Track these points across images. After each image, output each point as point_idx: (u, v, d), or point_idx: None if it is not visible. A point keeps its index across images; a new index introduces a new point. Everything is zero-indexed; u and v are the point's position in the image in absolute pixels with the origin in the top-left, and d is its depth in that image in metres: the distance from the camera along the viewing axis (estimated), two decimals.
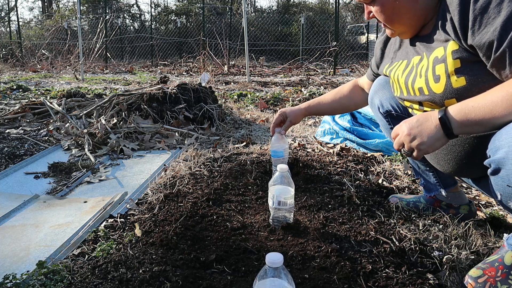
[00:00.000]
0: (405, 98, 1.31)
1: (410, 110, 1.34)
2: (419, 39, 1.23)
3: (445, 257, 1.23)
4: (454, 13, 1.05)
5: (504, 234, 1.35)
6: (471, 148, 1.18)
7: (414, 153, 1.10)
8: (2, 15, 17.76)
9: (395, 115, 1.49)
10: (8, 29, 13.83)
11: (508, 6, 0.95)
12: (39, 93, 5.53)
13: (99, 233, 1.48)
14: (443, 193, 1.54)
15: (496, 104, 0.95)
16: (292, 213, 1.43)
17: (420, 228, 1.44)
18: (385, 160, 2.28)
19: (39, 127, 3.33)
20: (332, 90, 1.77)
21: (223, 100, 4.58)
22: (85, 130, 2.90)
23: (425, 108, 1.23)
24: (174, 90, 3.35)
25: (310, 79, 6.96)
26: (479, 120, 0.98)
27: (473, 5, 1.00)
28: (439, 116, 1.03)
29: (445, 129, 1.03)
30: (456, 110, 1.01)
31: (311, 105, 1.75)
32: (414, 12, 1.17)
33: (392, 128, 1.53)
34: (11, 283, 1.16)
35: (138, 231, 1.43)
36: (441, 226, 1.45)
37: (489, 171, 1.01)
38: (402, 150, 1.14)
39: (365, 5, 1.25)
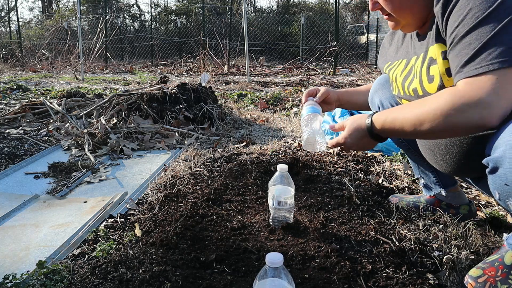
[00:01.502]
0: (402, 97, 1.31)
1: None
2: (419, 37, 1.23)
3: (445, 257, 1.23)
4: (438, 15, 1.06)
5: (504, 234, 1.35)
6: (470, 147, 1.18)
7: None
8: (2, 15, 17.77)
9: None
10: (8, 29, 13.83)
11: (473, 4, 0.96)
12: (39, 93, 5.53)
13: (99, 233, 1.48)
14: (443, 193, 1.54)
15: (404, 123, 1.06)
16: (292, 213, 1.43)
17: (420, 228, 1.44)
18: (385, 160, 2.28)
19: (39, 127, 3.33)
20: (366, 85, 1.70)
21: (223, 100, 4.58)
22: (85, 130, 2.90)
23: None
24: (174, 90, 3.35)
25: (310, 79, 6.96)
26: (396, 132, 1.11)
27: (451, 7, 1.02)
28: (369, 133, 1.18)
29: (377, 140, 1.20)
30: (379, 121, 1.15)
31: (344, 90, 1.65)
32: (422, 3, 1.15)
33: None
34: (11, 283, 1.16)
35: (138, 231, 1.43)
36: (441, 226, 1.45)
37: (487, 169, 1.01)
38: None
39: None
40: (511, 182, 0.93)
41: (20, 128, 3.31)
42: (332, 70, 8.41)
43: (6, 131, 3.17)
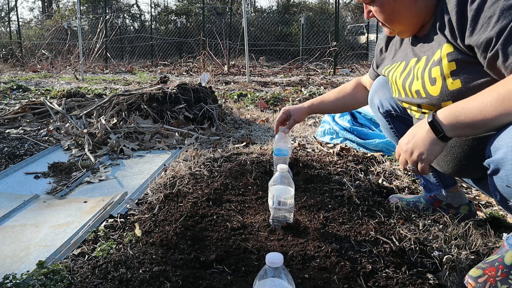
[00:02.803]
0: (403, 100, 1.31)
1: (409, 111, 1.34)
2: (418, 40, 1.24)
3: (445, 257, 1.23)
4: (452, 13, 1.05)
5: (504, 234, 1.35)
6: (471, 149, 1.18)
7: (419, 166, 1.09)
8: (2, 15, 17.77)
9: (395, 115, 1.50)
10: (8, 29, 13.83)
11: (503, 4, 0.95)
12: (39, 93, 5.53)
13: (99, 233, 1.48)
14: (443, 193, 1.54)
15: (486, 105, 0.94)
16: (292, 213, 1.43)
17: (420, 228, 1.44)
18: (385, 160, 2.28)
19: (39, 127, 3.33)
20: (335, 89, 1.76)
21: (223, 100, 4.58)
22: (85, 130, 2.90)
23: (423, 110, 1.23)
24: (174, 90, 3.35)
25: (310, 79, 6.96)
26: (470, 122, 0.97)
27: (470, 5, 1.01)
28: (429, 121, 1.04)
29: (436, 132, 1.03)
30: (446, 112, 1.01)
31: (315, 103, 1.75)
32: (413, 12, 1.17)
33: (392, 128, 1.53)
34: (11, 283, 1.16)
35: (138, 231, 1.43)
36: (441, 226, 1.45)
37: (488, 171, 1.01)
38: (407, 167, 1.13)
39: (364, 4, 1.25)
40: None
41: (20, 128, 3.31)
42: (332, 70, 8.41)
43: (6, 131, 3.17)
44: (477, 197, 1.81)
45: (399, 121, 1.50)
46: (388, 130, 1.56)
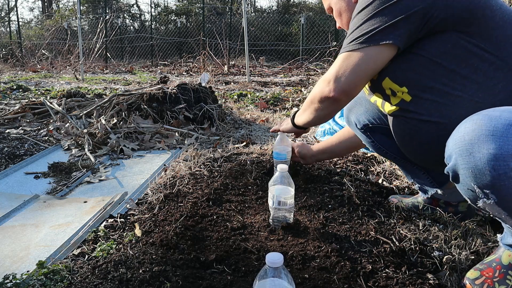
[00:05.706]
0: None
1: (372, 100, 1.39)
2: None
3: (445, 257, 1.23)
4: None
5: (498, 235, 1.35)
6: (416, 138, 1.23)
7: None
8: (2, 15, 17.78)
9: (373, 128, 1.53)
10: (8, 29, 13.85)
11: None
12: (39, 93, 5.53)
13: (99, 233, 1.48)
14: (439, 191, 1.53)
15: (300, 116, 1.48)
16: (292, 213, 1.43)
17: (420, 228, 1.44)
18: (385, 160, 2.28)
19: (39, 127, 3.33)
20: (339, 131, 1.87)
21: (223, 100, 4.58)
22: (85, 130, 2.90)
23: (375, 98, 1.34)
24: (174, 90, 3.35)
25: (310, 79, 6.96)
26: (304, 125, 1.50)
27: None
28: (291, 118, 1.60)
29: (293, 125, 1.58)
30: (296, 115, 1.54)
31: (321, 148, 1.89)
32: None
33: (373, 142, 1.56)
34: (11, 283, 1.17)
35: (138, 231, 1.43)
36: (441, 226, 1.45)
37: (450, 179, 1.04)
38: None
39: None
40: (472, 186, 0.96)
41: (20, 128, 3.31)
42: None
43: (6, 131, 3.17)
44: None
45: (379, 132, 1.53)
46: (370, 144, 1.59)
